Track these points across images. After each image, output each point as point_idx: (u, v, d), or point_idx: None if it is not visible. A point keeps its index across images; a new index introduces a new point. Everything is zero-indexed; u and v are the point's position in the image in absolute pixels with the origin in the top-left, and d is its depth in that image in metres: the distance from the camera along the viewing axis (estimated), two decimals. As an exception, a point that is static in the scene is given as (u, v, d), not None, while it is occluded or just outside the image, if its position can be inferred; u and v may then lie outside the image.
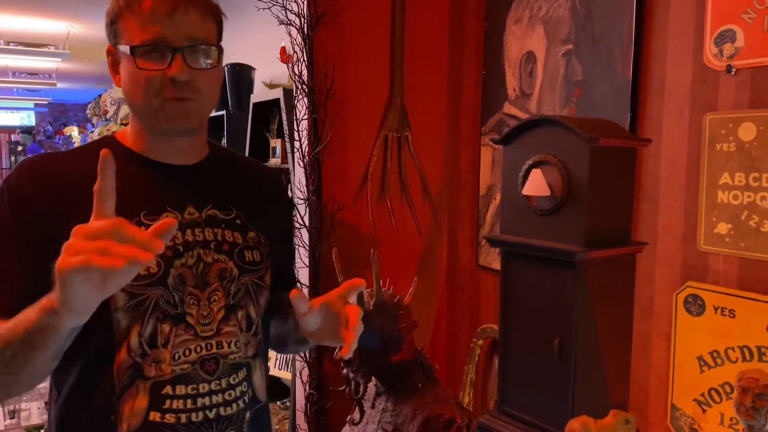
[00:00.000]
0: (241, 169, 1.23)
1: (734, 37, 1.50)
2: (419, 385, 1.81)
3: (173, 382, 1.01)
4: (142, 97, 1.00)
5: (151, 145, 1.07)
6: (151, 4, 0.97)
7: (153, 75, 0.97)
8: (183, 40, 0.98)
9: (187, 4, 0.98)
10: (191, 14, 0.99)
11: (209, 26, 1.03)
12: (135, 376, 0.99)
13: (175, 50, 0.97)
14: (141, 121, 1.05)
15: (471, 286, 2.45)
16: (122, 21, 1.00)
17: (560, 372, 1.26)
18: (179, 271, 1.02)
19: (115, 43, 1.03)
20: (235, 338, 1.07)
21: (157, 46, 0.97)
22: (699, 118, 1.58)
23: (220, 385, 1.05)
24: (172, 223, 0.73)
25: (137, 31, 0.97)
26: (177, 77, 0.97)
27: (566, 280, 1.24)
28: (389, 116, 2.35)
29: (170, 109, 1.00)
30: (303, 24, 2.16)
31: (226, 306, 1.07)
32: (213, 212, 1.10)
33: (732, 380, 1.46)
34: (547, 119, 1.31)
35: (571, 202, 1.25)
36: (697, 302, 1.58)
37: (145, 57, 0.97)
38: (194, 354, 1.03)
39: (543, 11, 2.04)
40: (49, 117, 15.86)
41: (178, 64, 0.97)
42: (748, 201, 1.48)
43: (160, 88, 0.98)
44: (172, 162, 1.08)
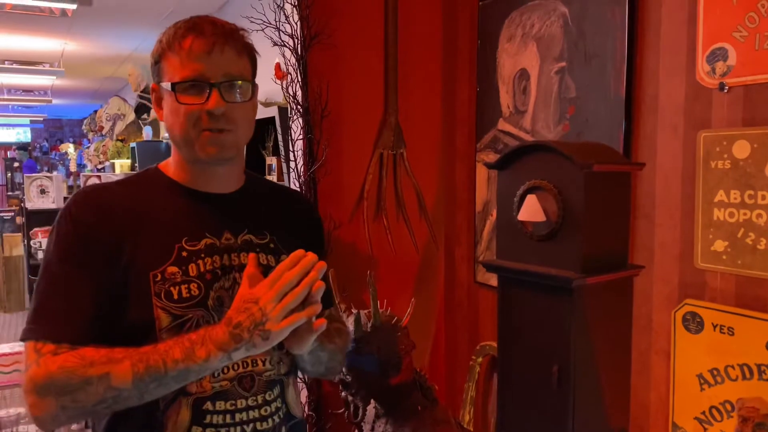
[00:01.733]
0: (274, 196, 1.30)
1: (726, 55, 1.50)
2: (419, 407, 1.80)
3: (213, 398, 1.07)
4: (181, 129, 1.07)
5: (192, 174, 1.14)
6: (191, 43, 1.05)
7: (192, 109, 1.06)
8: (220, 76, 1.06)
9: (224, 43, 1.07)
10: (227, 53, 1.07)
11: (244, 63, 1.11)
12: (178, 392, 1.05)
13: (212, 86, 1.05)
14: (181, 151, 1.13)
15: (469, 303, 2.45)
16: (165, 60, 1.08)
17: (559, 398, 1.25)
18: (218, 294, 1.08)
19: (159, 80, 1.11)
20: (269, 356, 1.13)
21: (196, 81, 1.05)
22: (693, 135, 1.58)
23: (257, 401, 1.11)
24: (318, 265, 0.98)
25: (178, 69, 1.06)
26: (214, 110, 1.05)
27: (563, 306, 1.23)
28: (384, 134, 2.35)
29: (208, 140, 1.07)
30: (297, 45, 2.16)
31: None
32: (248, 237, 1.16)
33: (733, 398, 1.46)
34: (541, 145, 1.30)
35: (566, 227, 1.24)
36: (696, 320, 1.58)
37: (185, 92, 1.06)
38: (232, 371, 1.09)
39: (536, 29, 2.04)
40: (45, 133, 15.86)
41: (215, 98, 1.05)
42: (744, 218, 1.48)
43: (197, 120, 1.06)
44: (210, 191, 1.15)
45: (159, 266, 1.05)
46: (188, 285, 1.06)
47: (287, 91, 2.22)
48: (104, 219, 1.06)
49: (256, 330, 0.94)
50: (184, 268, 1.06)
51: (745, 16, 1.46)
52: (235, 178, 1.20)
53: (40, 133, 15.81)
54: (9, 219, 8.50)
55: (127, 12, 5.03)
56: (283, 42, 2.18)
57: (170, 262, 1.06)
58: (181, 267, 1.06)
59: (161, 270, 1.05)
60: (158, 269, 1.05)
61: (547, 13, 2.00)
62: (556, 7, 1.96)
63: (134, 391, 0.94)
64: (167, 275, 1.05)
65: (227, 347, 0.94)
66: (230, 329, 0.94)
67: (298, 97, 2.20)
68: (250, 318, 0.94)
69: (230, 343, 0.94)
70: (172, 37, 1.07)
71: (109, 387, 0.93)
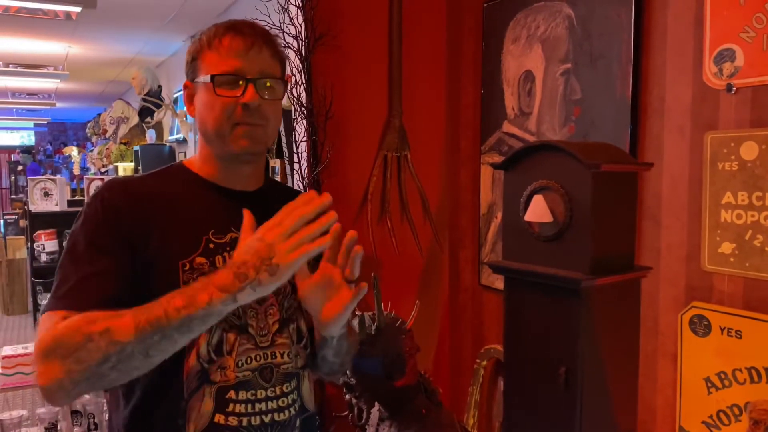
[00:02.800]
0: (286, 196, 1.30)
1: (734, 56, 1.49)
2: (423, 410, 1.79)
3: (236, 388, 1.09)
4: (215, 122, 1.11)
5: (219, 170, 1.18)
6: (230, 41, 1.10)
7: (228, 101, 1.09)
8: (256, 72, 1.10)
9: (262, 43, 1.12)
10: (264, 52, 1.12)
11: (277, 64, 1.16)
12: (202, 381, 1.07)
13: (248, 81, 1.09)
14: (212, 145, 1.16)
15: (473, 305, 2.44)
16: (202, 57, 1.13)
17: (566, 400, 1.24)
18: None
19: (194, 77, 1.15)
20: (287, 349, 1.15)
21: (234, 76, 1.09)
22: (700, 136, 1.57)
23: (275, 392, 1.13)
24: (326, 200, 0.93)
25: (216, 64, 1.10)
26: (249, 103, 1.09)
27: (571, 307, 1.22)
28: (388, 136, 2.34)
29: (240, 133, 1.11)
30: (301, 47, 2.16)
31: (280, 320, 1.15)
32: None
33: (740, 402, 1.44)
34: (548, 145, 1.30)
35: (573, 228, 1.23)
36: (703, 322, 1.56)
37: (222, 86, 1.10)
38: (254, 362, 1.11)
39: (541, 30, 2.04)
40: (49, 136, 15.90)
41: (251, 92, 1.09)
42: (752, 220, 1.47)
43: (232, 113, 1.10)
44: (235, 188, 1.18)
45: (188, 256, 1.07)
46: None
47: (291, 92, 2.22)
48: (134, 206, 1.09)
49: (262, 265, 0.89)
50: (212, 260, 1.09)
51: (752, 17, 1.45)
52: (258, 177, 1.24)
53: (44, 137, 15.85)
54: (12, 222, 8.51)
55: (131, 15, 5.05)
56: (287, 44, 2.17)
57: (198, 252, 1.08)
58: (209, 258, 1.09)
59: (190, 260, 1.07)
60: (187, 259, 1.07)
61: (552, 14, 1.99)
62: (562, 9, 1.95)
63: (137, 345, 0.91)
64: (195, 265, 1.07)
65: (231, 288, 0.90)
66: (234, 269, 0.90)
67: (303, 99, 2.20)
68: (255, 255, 0.90)
69: (234, 283, 0.90)
70: (212, 36, 1.12)
71: (111, 342, 0.90)
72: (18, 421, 3.08)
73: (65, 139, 15.74)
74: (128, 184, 1.15)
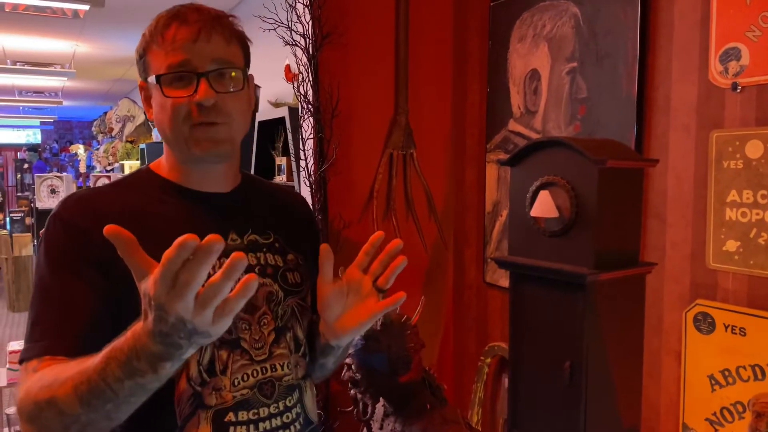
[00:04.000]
0: (272, 195, 1.23)
1: (739, 55, 1.50)
2: (428, 406, 1.80)
3: (235, 409, 1.00)
4: (171, 125, 1.00)
5: (187, 174, 1.07)
6: (174, 32, 0.98)
7: (180, 102, 0.98)
8: (207, 64, 0.98)
9: (210, 29, 0.99)
10: (215, 39, 0.99)
11: (234, 50, 1.03)
12: (196, 406, 0.98)
13: (199, 75, 0.97)
14: (174, 150, 1.05)
15: (478, 303, 2.44)
16: (149, 54, 1.01)
17: (571, 395, 1.25)
18: None
19: (145, 77, 1.04)
20: (286, 360, 1.07)
21: (182, 72, 0.97)
22: (705, 135, 1.58)
23: (278, 408, 1.05)
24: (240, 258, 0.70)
25: (163, 61, 0.98)
26: (203, 101, 0.97)
27: (576, 302, 1.23)
28: (394, 134, 2.36)
29: (200, 135, 0.99)
30: (308, 44, 2.17)
31: (276, 329, 1.06)
32: (253, 237, 1.09)
33: (744, 399, 1.45)
34: (554, 141, 1.31)
35: (579, 223, 1.24)
36: (707, 320, 1.57)
37: (172, 85, 0.98)
38: (252, 378, 1.02)
39: (547, 29, 2.04)
40: (55, 134, 15.95)
41: (204, 88, 0.97)
42: (756, 218, 1.48)
43: (187, 114, 0.98)
44: (208, 190, 1.08)
45: None
46: None
47: (298, 90, 2.23)
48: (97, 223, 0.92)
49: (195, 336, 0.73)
50: None
51: (758, 16, 1.46)
52: (232, 177, 1.13)
53: (50, 135, 15.91)
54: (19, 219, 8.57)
55: (139, 14, 5.07)
56: (294, 41, 2.19)
57: None
58: None
59: None
60: None
61: (558, 13, 2.00)
62: (568, 8, 1.96)
63: (90, 415, 0.78)
64: None
65: (168, 356, 0.74)
66: (157, 339, 0.73)
67: (309, 97, 2.21)
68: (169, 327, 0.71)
69: (169, 352, 0.74)
70: (155, 29, 1.00)
71: (60, 412, 0.80)
72: (24, 416, 3.09)
73: (71, 138, 15.80)
74: (89, 200, 1.02)
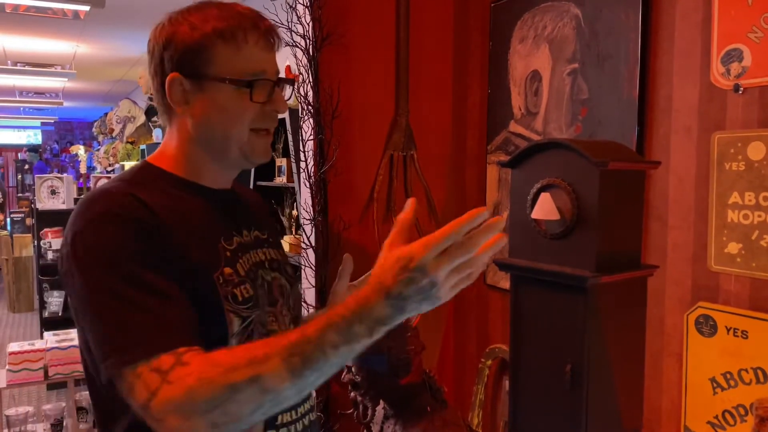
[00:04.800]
0: (249, 193, 1.26)
1: (741, 56, 1.49)
2: (428, 408, 1.79)
3: None
4: (233, 128, 0.98)
5: (206, 172, 1.05)
6: (255, 38, 0.96)
7: (256, 108, 0.97)
8: (275, 75, 0.99)
9: (278, 40, 1.00)
10: (278, 52, 1.01)
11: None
12: None
13: (274, 83, 0.98)
14: (214, 151, 1.03)
15: (479, 305, 2.44)
16: (216, 50, 0.96)
17: (573, 398, 1.24)
18: (260, 292, 1.03)
19: (197, 71, 0.97)
20: None
21: (269, 80, 0.98)
22: (707, 137, 1.57)
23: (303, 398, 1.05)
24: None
25: (243, 63, 0.96)
26: (281, 109, 0.98)
27: (577, 305, 1.23)
28: (395, 135, 2.35)
29: (260, 142, 1.00)
30: (308, 45, 2.17)
31: (291, 319, 1.10)
32: (256, 233, 1.12)
33: (746, 402, 1.44)
34: (556, 143, 1.30)
35: (580, 226, 1.24)
36: (709, 323, 1.56)
37: (259, 91, 0.97)
38: None
39: (548, 30, 2.04)
40: (56, 135, 15.96)
41: (280, 97, 0.99)
42: (758, 220, 1.47)
43: (253, 119, 0.98)
44: (216, 187, 1.07)
45: (217, 268, 0.97)
46: (244, 285, 1.00)
47: (298, 91, 2.23)
48: (153, 215, 0.93)
49: (425, 302, 0.77)
50: (235, 269, 1.00)
51: (760, 17, 1.45)
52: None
53: (51, 135, 15.91)
54: (19, 220, 8.56)
55: (139, 14, 5.06)
56: (295, 42, 2.18)
57: (223, 263, 0.98)
58: (233, 267, 0.99)
59: (220, 272, 0.97)
60: (217, 272, 0.97)
61: (559, 14, 1.99)
62: (569, 9, 1.96)
63: (294, 388, 0.81)
64: (226, 277, 0.97)
65: (389, 320, 0.78)
66: (391, 301, 0.77)
67: (310, 98, 2.20)
68: (419, 292, 0.76)
69: (392, 315, 0.78)
70: (232, 27, 0.96)
71: (263, 390, 0.80)
72: (24, 417, 3.09)
73: (72, 138, 15.80)
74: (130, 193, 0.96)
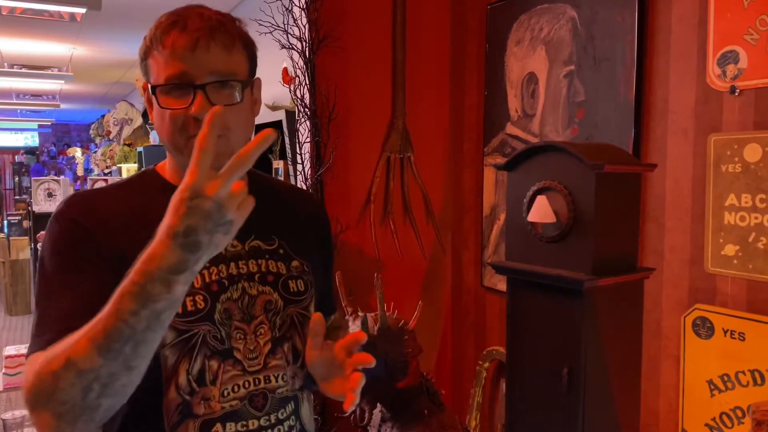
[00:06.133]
0: (279, 197, 1.21)
1: (737, 58, 1.49)
2: (425, 411, 1.79)
3: (223, 420, 0.98)
4: (168, 135, 0.98)
5: None
6: (173, 40, 0.94)
7: (176, 113, 0.95)
8: (205, 76, 0.94)
9: (209, 38, 0.94)
10: (213, 49, 0.95)
11: (237, 59, 0.99)
12: (185, 415, 0.96)
13: (196, 87, 0.94)
14: (173, 156, 1.04)
15: (476, 307, 2.43)
16: (150, 58, 0.97)
17: (569, 400, 1.24)
18: (225, 306, 1.00)
19: (148, 79, 1.00)
20: (282, 372, 1.05)
21: (178, 83, 0.94)
22: (703, 139, 1.57)
23: (269, 421, 1.03)
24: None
25: (162, 69, 0.95)
26: (198, 115, 0.93)
27: (574, 308, 1.22)
28: (391, 137, 2.35)
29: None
30: (305, 48, 2.17)
31: (273, 339, 1.04)
32: (256, 243, 1.08)
33: (743, 404, 1.44)
34: (552, 146, 1.30)
35: (577, 228, 1.23)
36: (706, 325, 1.56)
37: (168, 95, 0.95)
38: (243, 390, 1.00)
39: (544, 33, 2.04)
40: (53, 137, 15.93)
41: (200, 101, 0.93)
42: (755, 222, 1.47)
43: (183, 125, 0.95)
44: None
45: None
46: (193, 297, 0.97)
47: (295, 93, 2.22)
48: (101, 223, 0.96)
49: (216, 228, 0.73)
50: (201, 273, 0.98)
51: (756, 19, 1.45)
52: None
53: (48, 138, 15.89)
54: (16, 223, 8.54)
55: (136, 17, 5.06)
56: (291, 45, 2.18)
57: None
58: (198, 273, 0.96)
59: None
60: None
61: (556, 16, 1.99)
62: (565, 11, 1.96)
63: (110, 365, 0.78)
64: None
65: (184, 265, 0.73)
66: (180, 240, 0.72)
67: (306, 100, 2.20)
68: (205, 218, 0.72)
69: (185, 258, 0.73)
70: (155, 34, 0.96)
71: (79, 373, 0.78)
72: (21, 421, 3.08)
73: (69, 141, 15.78)
74: (91, 199, 1.01)
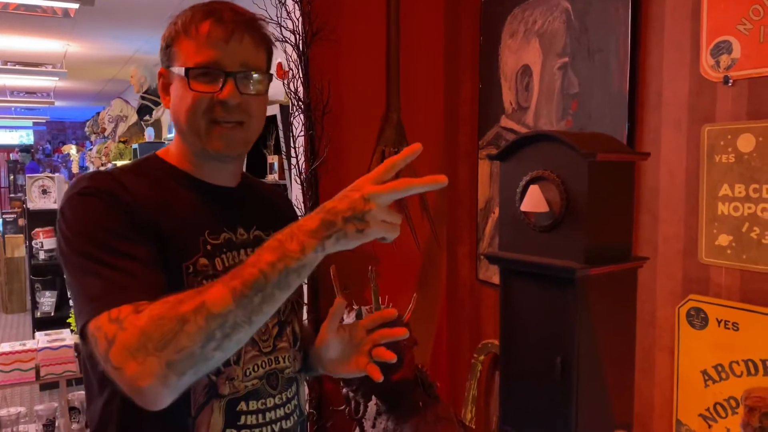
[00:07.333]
0: (265, 193, 1.27)
1: (730, 48, 1.49)
2: (420, 404, 1.79)
3: (246, 398, 1.04)
4: (189, 118, 1.02)
5: (199, 166, 1.09)
6: (209, 28, 1.00)
7: (203, 97, 1.00)
8: (236, 65, 1.01)
9: (243, 31, 1.01)
10: (246, 42, 1.02)
11: (261, 55, 1.06)
12: (211, 395, 1.00)
13: (227, 75, 1.00)
14: (186, 141, 1.08)
15: (471, 300, 2.43)
16: (178, 44, 1.03)
17: (562, 391, 1.24)
18: None
19: (168, 65, 1.06)
20: (287, 353, 1.12)
21: (211, 69, 1.00)
22: (697, 129, 1.57)
23: (282, 399, 1.09)
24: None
25: (192, 54, 1.01)
26: (228, 100, 1.00)
27: (567, 297, 1.22)
28: (386, 131, 2.34)
29: (216, 134, 1.02)
30: (298, 41, 2.16)
31: (279, 323, 1.11)
32: (258, 233, 1.13)
33: (737, 394, 1.44)
34: (544, 135, 1.29)
35: (570, 218, 1.23)
36: (700, 315, 1.56)
37: (199, 79, 1.00)
38: (261, 369, 1.06)
39: (538, 25, 2.03)
40: (48, 135, 15.89)
41: (230, 88, 1.00)
42: (748, 212, 1.47)
43: (207, 108, 1.01)
44: (217, 183, 1.11)
45: (190, 257, 1.00)
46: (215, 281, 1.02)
47: (289, 87, 2.22)
48: (134, 198, 0.97)
49: (353, 218, 0.81)
50: (212, 262, 1.02)
51: (749, 9, 1.45)
52: (239, 173, 1.16)
53: (43, 135, 15.84)
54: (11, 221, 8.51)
55: (130, 13, 5.04)
56: (284, 38, 2.17)
57: (200, 254, 1.01)
58: (210, 260, 1.02)
59: (193, 262, 1.00)
60: (190, 261, 1.00)
61: (549, 8, 1.99)
62: (559, 3, 1.95)
63: (239, 312, 0.81)
64: (199, 267, 1.00)
65: (318, 234, 0.81)
66: (322, 215, 0.82)
67: (300, 94, 2.20)
68: (349, 205, 0.81)
69: (320, 230, 0.82)
70: (189, 21, 1.02)
71: (209, 317, 0.80)
72: (16, 418, 3.08)
73: (64, 138, 15.73)
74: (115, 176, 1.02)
